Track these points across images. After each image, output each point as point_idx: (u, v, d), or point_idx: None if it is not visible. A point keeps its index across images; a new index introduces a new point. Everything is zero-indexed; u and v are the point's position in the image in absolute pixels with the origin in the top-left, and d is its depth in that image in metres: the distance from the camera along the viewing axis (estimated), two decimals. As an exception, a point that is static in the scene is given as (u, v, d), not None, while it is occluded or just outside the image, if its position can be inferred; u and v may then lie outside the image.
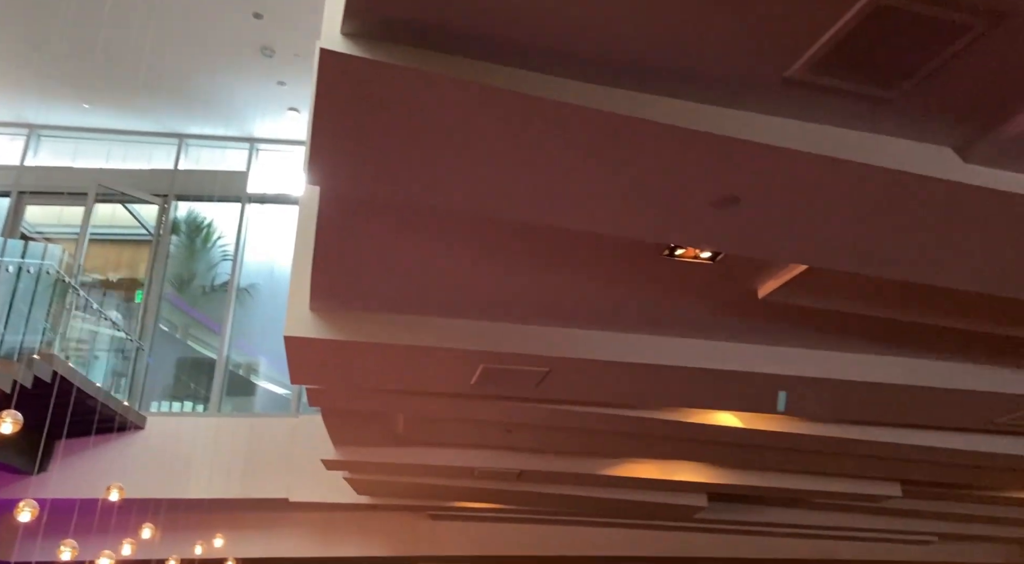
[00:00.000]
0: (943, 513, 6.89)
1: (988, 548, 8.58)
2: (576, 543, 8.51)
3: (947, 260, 2.43)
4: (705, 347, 3.59)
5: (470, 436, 5.14)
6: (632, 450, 5.40)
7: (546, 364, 3.55)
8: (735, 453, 5.23)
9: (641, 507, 6.86)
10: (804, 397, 3.87)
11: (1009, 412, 3.94)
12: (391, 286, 3.10)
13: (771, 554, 8.71)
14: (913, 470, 5.35)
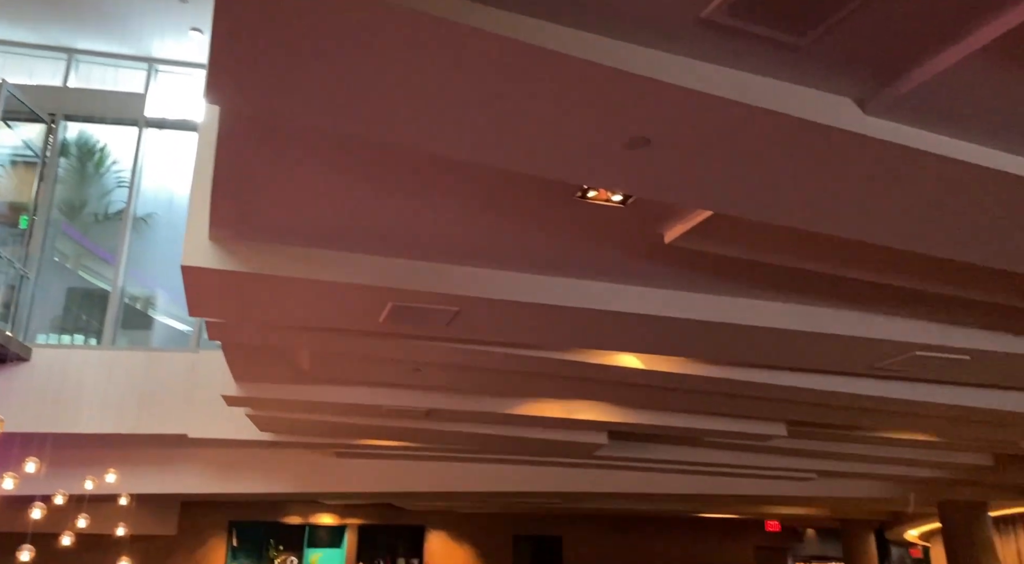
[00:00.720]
0: (824, 452, 7.39)
1: (863, 484, 9.31)
2: (481, 479, 8.72)
3: (845, 210, 2.53)
4: (612, 290, 3.66)
5: (378, 374, 5.11)
6: (538, 390, 5.51)
7: (456, 303, 3.54)
8: (635, 393, 5.41)
9: (545, 445, 7.05)
10: (702, 341, 4.01)
11: (888, 358, 4.21)
12: (296, 218, 2.99)
13: (665, 489, 9.19)
14: (798, 411, 5.69)
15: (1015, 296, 3.40)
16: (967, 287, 3.34)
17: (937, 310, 3.89)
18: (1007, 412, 5.17)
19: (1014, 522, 10.13)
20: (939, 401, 5.00)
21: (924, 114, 2.08)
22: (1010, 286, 3.30)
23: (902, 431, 6.61)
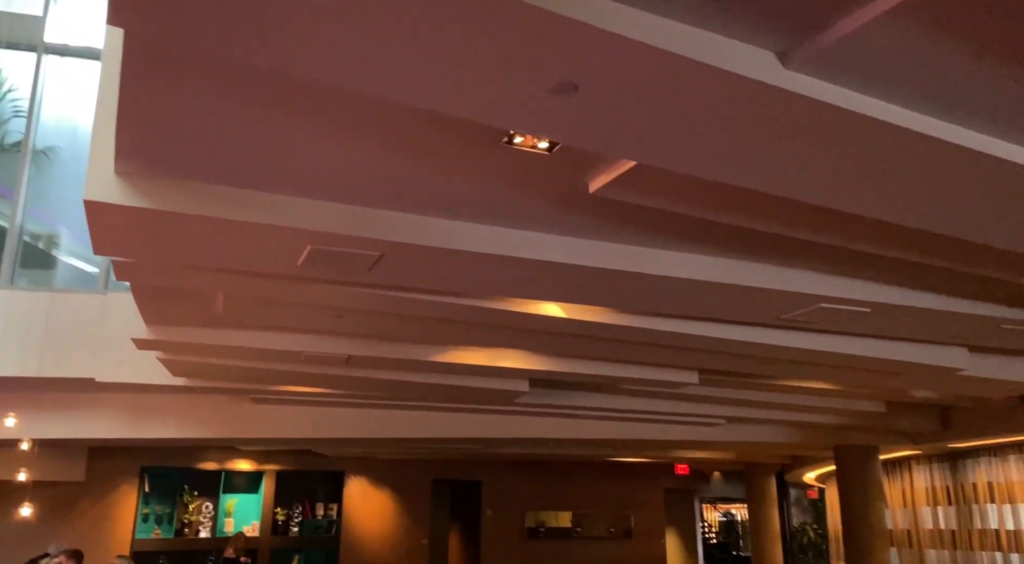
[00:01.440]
0: (731, 399, 7.74)
1: (767, 430, 9.81)
2: (402, 426, 8.77)
3: (762, 165, 2.59)
4: (536, 239, 3.67)
5: (297, 320, 5.02)
6: (460, 337, 5.52)
7: (378, 248, 3.48)
8: (556, 342, 5.50)
9: (467, 392, 7.12)
10: (622, 290, 4.09)
11: (795, 309, 4.40)
12: (208, 154, 2.85)
13: (583, 435, 9.47)
14: (709, 360, 5.91)
15: (915, 252, 3.59)
16: (872, 243, 3.50)
17: (842, 264, 4.07)
18: (901, 362, 5.51)
19: (900, 464, 10.92)
20: (840, 351, 5.28)
21: (845, 71, 2.13)
22: (912, 243, 3.48)
23: (804, 380, 6.97)
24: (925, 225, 3.08)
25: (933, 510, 10.16)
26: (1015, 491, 8.76)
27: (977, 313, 4.45)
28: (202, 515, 12.84)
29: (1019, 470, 8.72)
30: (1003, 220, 3.05)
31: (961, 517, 9.60)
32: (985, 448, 9.17)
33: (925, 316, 4.49)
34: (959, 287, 4.35)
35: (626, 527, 16.27)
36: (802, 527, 17.41)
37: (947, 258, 3.65)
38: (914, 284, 4.31)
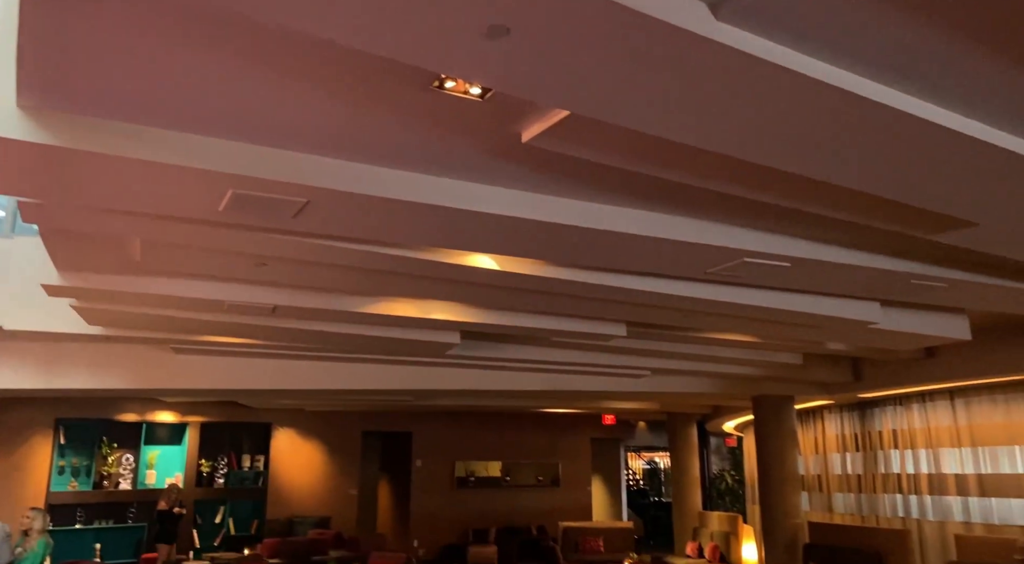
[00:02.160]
0: (657, 351, 7.94)
1: (690, 381, 10.14)
2: (331, 377, 8.69)
3: (692, 117, 2.61)
4: (468, 188, 3.63)
5: (219, 267, 4.85)
6: (391, 289, 5.46)
7: (303, 194, 3.38)
8: (488, 294, 5.50)
9: (397, 344, 7.09)
10: (554, 243, 4.10)
11: (720, 263, 4.51)
12: (121, 90, 2.69)
13: (513, 386, 9.59)
14: (637, 313, 6.02)
15: (834, 208, 3.70)
16: (795, 199, 3.59)
17: (765, 220, 4.18)
18: (817, 315, 5.73)
19: (814, 414, 11.48)
20: (761, 305, 5.45)
21: (773, 25, 2.14)
22: (832, 199, 3.58)
23: (726, 332, 7.20)
24: (845, 182, 3.18)
25: (842, 456, 10.77)
26: (916, 438, 9.35)
27: (889, 268, 4.65)
28: (122, 467, 12.55)
29: (921, 418, 9.30)
30: (918, 179, 3.16)
31: (867, 462, 10.20)
32: (891, 398, 9.72)
33: (841, 271, 4.67)
34: (873, 243, 4.53)
35: (554, 476, 16.71)
36: (721, 474, 18.23)
37: (863, 214, 3.78)
38: (831, 240, 4.47)
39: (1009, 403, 8.11)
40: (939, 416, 9.03)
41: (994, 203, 3.44)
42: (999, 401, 8.23)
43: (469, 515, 15.64)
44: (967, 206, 3.48)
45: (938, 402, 9.05)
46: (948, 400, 8.89)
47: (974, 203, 3.44)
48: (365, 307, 5.82)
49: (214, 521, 13.30)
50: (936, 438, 9.06)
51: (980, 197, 3.36)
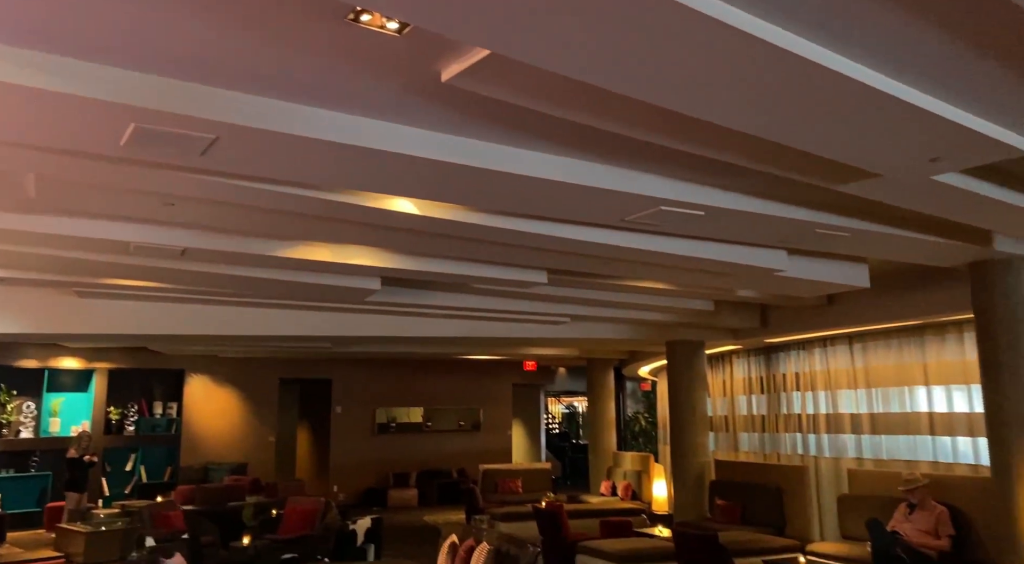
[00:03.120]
0: (576, 298, 8.08)
1: (609, 327, 10.39)
2: (246, 323, 8.49)
3: (609, 61, 2.60)
4: (386, 129, 3.54)
5: (123, 206, 4.61)
6: (307, 232, 5.33)
7: (212, 130, 3.23)
8: (408, 239, 5.44)
9: (315, 289, 6.97)
10: (475, 187, 4.07)
11: (637, 211, 4.58)
12: (14, 12, 2.47)
13: (434, 333, 9.61)
14: (557, 260, 6.09)
15: (745, 157, 3.80)
16: (710, 147, 3.66)
17: (682, 169, 4.26)
18: (729, 263, 5.93)
19: (723, 358, 11.98)
20: (676, 252, 5.60)
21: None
22: (745, 149, 3.67)
23: (643, 280, 7.38)
24: (754, 130, 3.25)
25: (748, 398, 11.31)
26: (817, 380, 9.90)
27: (796, 218, 4.83)
28: (23, 415, 12.03)
29: (822, 362, 9.84)
30: (825, 129, 3.27)
31: (771, 404, 10.76)
32: (795, 343, 10.23)
33: (751, 220, 4.82)
34: (782, 193, 4.69)
35: (475, 420, 16.99)
36: (635, 416, 18.92)
37: (774, 164, 3.90)
38: (744, 189, 4.60)
39: (901, 347, 8.67)
40: (838, 360, 9.58)
41: (896, 155, 3.60)
42: (893, 345, 8.78)
43: (390, 460, 15.78)
44: (871, 157, 3.63)
45: (838, 347, 9.58)
46: (847, 345, 9.42)
47: (877, 154, 3.59)
48: (280, 251, 5.67)
49: (124, 469, 12.98)
50: (835, 380, 9.63)
51: (883, 149, 3.51)
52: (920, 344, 8.49)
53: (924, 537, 6.55)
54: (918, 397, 8.51)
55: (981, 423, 6.68)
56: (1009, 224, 5.14)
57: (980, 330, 6.29)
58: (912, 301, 7.76)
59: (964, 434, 7.94)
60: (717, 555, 6.07)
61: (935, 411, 8.29)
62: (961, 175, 4.13)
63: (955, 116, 3.21)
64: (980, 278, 6.27)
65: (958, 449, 8.02)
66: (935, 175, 3.89)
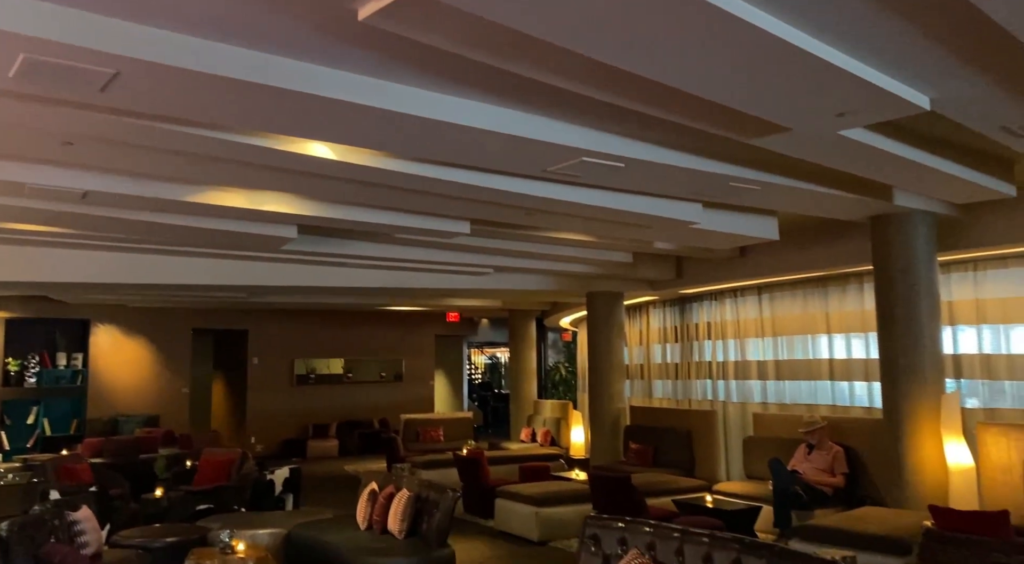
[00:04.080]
0: (499, 249, 8.10)
1: (531, 278, 10.48)
2: (155, 271, 8.17)
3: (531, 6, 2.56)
4: (300, 69, 3.41)
5: (15, 146, 4.31)
6: (217, 176, 5.11)
7: (111, 64, 3.03)
8: (326, 186, 5.30)
9: (227, 237, 6.74)
10: (393, 133, 3.98)
11: (560, 162, 4.59)
12: None
13: (355, 283, 9.48)
14: (480, 210, 6.07)
15: (664, 109, 3.85)
16: (629, 98, 3.68)
17: (602, 120, 4.28)
18: (647, 215, 6.04)
19: (640, 309, 12.30)
20: (597, 204, 5.66)
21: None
22: (664, 101, 3.71)
23: (565, 231, 7.45)
24: (676, 83, 3.29)
25: (663, 347, 11.70)
26: (727, 329, 10.31)
27: (712, 171, 4.95)
28: (-91, 368, 11.33)
29: (732, 312, 10.23)
30: (740, 82, 3.34)
31: (684, 352, 11.16)
32: (708, 293, 10.59)
33: (669, 172, 4.91)
34: (699, 146, 4.79)
35: (397, 371, 16.98)
36: (556, 366, 19.31)
37: (692, 117, 3.96)
38: (662, 142, 4.67)
39: (806, 297, 9.10)
40: (748, 309, 9.98)
41: (806, 109, 3.71)
42: (798, 296, 9.21)
43: (309, 411, 15.65)
44: (782, 111, 3.73)
45: (748, 297, 9.98)
46: (756, 295, 9.82)
47: (789, 109, 3.69)
48: (190, 196, 5.44)
49: (26, 423, 12.44)
50: (744, 329, 10.05)
51: (794, 103, 3.61)
52: (823, 295, 8.93)
53: (821, 475, 6.99)
54: (820, 345, 8.98)
55: (876, 369, 7.12)
56: (908, 179, 5.41)
57: (878, 281, 6.65)
58: (817, 254, 8.13)
59: (860, 379, 8.45)
60: (629, 495, 6.32)
61: (835, 358, 8.79)
62: (865, 131, 4.30)
63: (862, 72, 3.33)
64: (880, 231, 6.61)
65: (855, 393, 8.54)
66: (841, 130, 4.05)
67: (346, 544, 5.25)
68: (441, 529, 5.22)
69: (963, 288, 7.46)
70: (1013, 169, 5.81)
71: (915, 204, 6.14)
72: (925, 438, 6.22)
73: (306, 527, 5.86)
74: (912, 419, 6.29)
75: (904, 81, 3.54)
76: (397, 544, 5.23)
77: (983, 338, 7.32)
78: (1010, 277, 7.13)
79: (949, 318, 7.40)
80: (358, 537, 5.48)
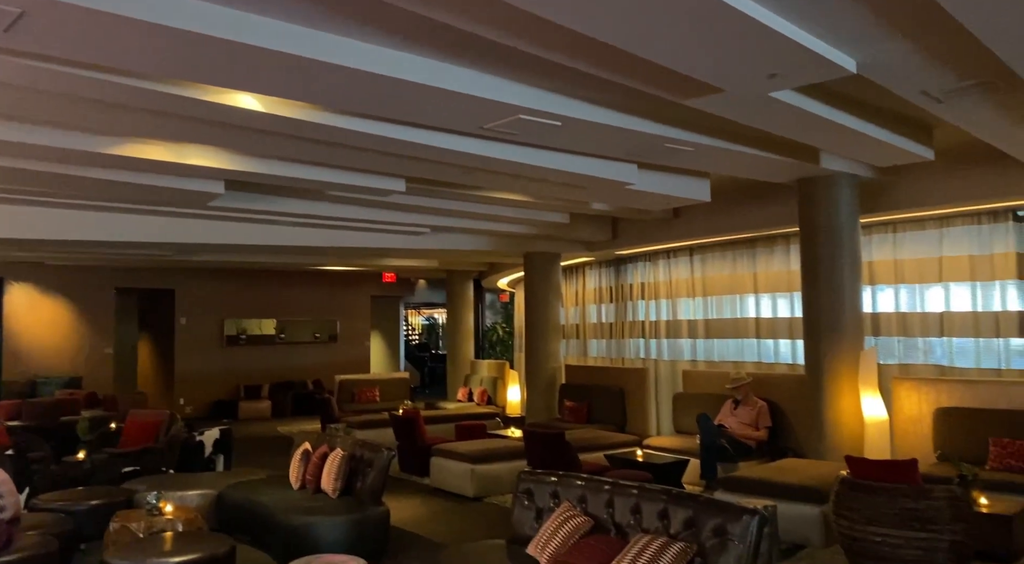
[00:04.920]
0: (436, 208, 8.02)
1: (468, 238, 10.42)
2: (73, 227, 7.82)
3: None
4: (225, 15, 3.25)
5: (-90, 89, 4.01)
6: (137, 128, 4.88)
7: (15, 2, 2.83)
8: (254, 139, 5.12)
9: (150, 191, 6.47)
10: (322, 84, 3.86)
11: (496, 119, 4.54)
12: None
13: (287, 242, 9.26)
14: (415, 167, 5.97)
15: (600, 67, 3.83)
16: (565, 54, 3.64)
17: (540, 77, 4.24)
18: (584, 175, 6.06)
19: (576, 269, 12.42)
20: (534, 163, 5.64)
21: None
22: (600, 58, 3.69)
23: (502, 191, 7.42)
24: (612, 40, 3.27)
25: (598, 307, 11.86)
26: (660, 289, 10.51)
27: (647, 131, 4.98)
28: None
29: (665, 272, 10.42)
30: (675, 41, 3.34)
31: (618, 312, 11.34)
32: (642, 254, 10.75)
33: (605, 132, 4.92)
34: (635, 106, 4.80)
35: (332, 332, 16.77)
36: (493, 326, 19.39)
37: (627, 76, 3.95)
38: (599, 101, 4.66)
39: (735, 259, 9.33)
40: (680, 270, 10.19)
41: (738, 70, 3.75)
42: (728, 257, 9.43)
43: (241, 372, 15.37)
44: (715, 71, 3.76)
45: (680, 258, 10.18)
46: (688, 256, 10.02)
47: (721, 68, 3.72)
48: (108, 148, 5.18)
49: (-66, 386, 11.86)
50: (676, 289, 10.26)
51: (727, 63, 3.64)
52: (752, 256, 9.18)
53: (746, 429, 7.27)
54: (747, 304, 9.26)
55: (800, 327, 7.39)
56: (834, 142, 5.56)
57: (804, 242, 6.87)
58: (747, 216, 8.33)
59: (785, 337, 8.77)
60: (563, 451, 6.44)
61: (761, 317, 9.07)
62: (795, 93, 4.38)
63: (793, 34, 3.37)
64: (806, 194, 6.80)
65: (779, 350, 8.86)
66: (772, 92, 4.11)
67: (279, 504, 5.21)
68: (375, 488, 5.23)
69: (883, 249, 7.77)
70: (932, 134, 6.03)
71: (840, 167, 6.32)
72: (843, 393, 6.51)
73: (237, 488, 5.79)
74: (832, 375, 6.56)
75: (832, 44, 3.61)
76: (331, 503, 5.22)
77: (900, 297, 7.66)
78: (926, 239, 7.46)
79: (869, 278, 7.71)
80: (291, 497, 5.45)
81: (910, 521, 4.22)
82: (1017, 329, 6.85)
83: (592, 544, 3.54)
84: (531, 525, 4.07)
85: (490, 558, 3.83)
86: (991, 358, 7.00)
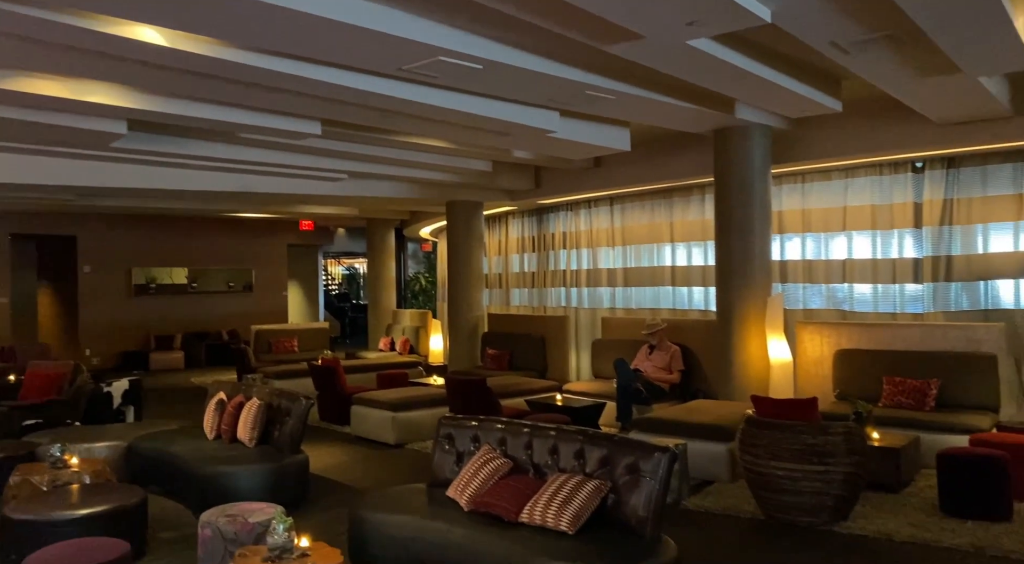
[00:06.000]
0: (355, 153, 7.81)
1: (388, 185, 10.24)
2: (-42, 168, 7.26)
3: None
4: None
5: None
6: (32, 61, 4.53)
7: None
8: (158, 76, 4.83)
9: (45, 130, 6.06)
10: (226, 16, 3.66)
11: (415, 60, 4.42)
12: None
13: (196, 186, 8.87)
14: (332, 110, 5.78)
15: (521, 9, 3.76)
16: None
17: (459, 17, 4.13)
18: (506, 121, 6.01)
19: (499, 219, 12.41)
20: (455, 108, 5.54)
21: None
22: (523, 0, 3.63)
23: (423, 137, 7.28)
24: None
25: (521, 257, 11.92)
26: (581, 239, 10.64)
27: (569, 77, 4.95)
28: None
29: (586, 222, 10.54)
30: (597, -15, 3.30)
31: (540, 262, 11.44)
32: (564, 204, 10.82)
33: (528, 76, 4.87)
34: (557, 51, 4.76)
35: (247, 282, 16.33)
36: (416, 276, 19.27)
37: (550, 19, 3.90)
38: (522, 45, 4.59)
39: (653, 208, 9.51)
40: (600, 220, 10.32)
41: (657, 15, 3.75)
42: (647, 207, 9.60)
43: (151, 322, 14.84)
44: (634, 16, 3.76)
45: (601, 208, 10.30)
46: (608, 206, 10.15)
47: (640, 14, 3.72)
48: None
49: None
50: (596, 239, 10.41)
51: (646, 8, 3.64)
52: (669, 206, 9.37)
53: (660, 373, 7.52)
54: (664, 253, 9.49)
55: (712, 275, 7.64)
56: (749, 92, 5.68)
57: (718, 191, 7.05)
58: (665, 166, 8.47)
59: (699, 284, 9.06)
60: (484, 397, 6.53)
61: (677, 265, 9.33)
62: (712, 42, 4.43)
63: (712, -18, 3.39)
64: (722, 144, 6.96)
65: (693, 298, 9.16)
66: (690, 40, 4.14)
67: (193, 454, 5.10)
68: (294, 436, 5.18)
69: (792, 199, 8.06)
70: (840, 85, 6.24)
71: (754, 118, 6.47)
72: (752, 337, 6.80)
73: (148, 439, 5.63)
74: (741, 320, 6.84)
75: (750, -7, 3.65)
76: (247, 452, 5.15)
77: (806, 246, 8.00)
78: (832, 189, 7.78)
79: (778, 227, 8.01)
80: (205, 447, 5.34)
81: (809, 456, 4.48)
82: (912, 275, 7.28)
83: (511, 484, 3.62)
84: (451, 469, 4.13)
85: (410, 501, 3.87)
86: (888, 303, 7.43)
